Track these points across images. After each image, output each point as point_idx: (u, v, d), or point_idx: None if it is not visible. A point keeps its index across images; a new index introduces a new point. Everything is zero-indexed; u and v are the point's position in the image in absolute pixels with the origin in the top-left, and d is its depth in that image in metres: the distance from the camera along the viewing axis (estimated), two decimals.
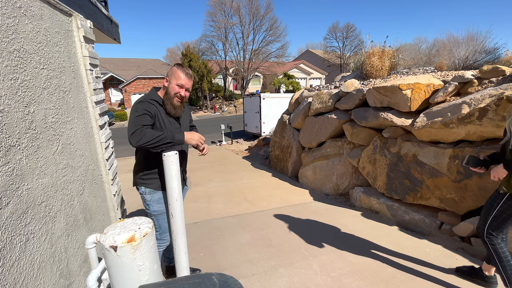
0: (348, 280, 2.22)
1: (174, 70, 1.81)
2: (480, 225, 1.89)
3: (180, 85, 1.79)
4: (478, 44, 4.67)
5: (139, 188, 1.92)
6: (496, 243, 1.82)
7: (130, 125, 1.65)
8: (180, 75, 1.79)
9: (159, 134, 1.61)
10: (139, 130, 1.60)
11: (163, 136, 1.61)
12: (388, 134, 3.33)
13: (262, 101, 10.67)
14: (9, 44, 1.22)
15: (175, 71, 1.80)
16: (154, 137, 1.59)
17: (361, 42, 26.96)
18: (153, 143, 1.59)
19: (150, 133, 1.60)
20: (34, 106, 1.39)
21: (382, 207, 3.40)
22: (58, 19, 1.76)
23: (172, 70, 1.82)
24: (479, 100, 2.41)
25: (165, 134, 1.63)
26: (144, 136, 1.58)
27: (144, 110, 1.69)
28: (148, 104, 1.74)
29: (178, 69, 1.81)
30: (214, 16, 25.73)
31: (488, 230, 1.84)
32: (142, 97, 1.82)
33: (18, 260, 1.14)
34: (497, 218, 1.79)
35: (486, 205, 1.87)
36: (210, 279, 0.89)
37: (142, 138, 1.57)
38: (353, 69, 6.13)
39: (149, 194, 1.90)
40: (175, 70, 1.81)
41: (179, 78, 1.79)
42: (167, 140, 1.62)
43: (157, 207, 1.92)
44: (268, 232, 3.09)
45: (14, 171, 1.17)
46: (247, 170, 6.10)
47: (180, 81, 1.79)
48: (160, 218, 1.95)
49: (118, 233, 1.20)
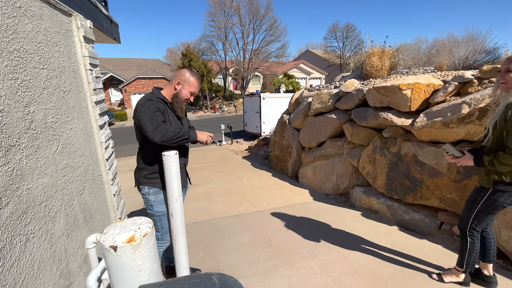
0: (348, 280, 2.22)
1: (188, 77, 1.85)
2: (463, 220, 1.94)
3: (192, 93, 1.88)
4: (478, 44, 4.67)
5: (142, 188, 1.92)
6: (475, 237, 1.91)
7: (147, 121, 1.66)
8: (195, 84, 1.87)
9: (179, 131, 1.70)
10: (162, 126, 1.66)
11: (182, 133, 1.71)
12: (388, 134, 3.33)
13: (262, 101, 10.67)
14: (9, 44, 1.22)
15: (190, 78, 1.85)
16: (176, 133, 1.68)
17: (361, 42, 26.98)
18: (175, 139, 1.68)
19: (171, 129, 1.68)
20: (34, 106, 1.39)
21: (382, 207, 3.40)
22: (58, 19, 1.76)
23: (185, 76, 1.85)
24: (479, 100, 2.41)
25: (183, 131, 1.72)
26: (167, 131, 1.65)
27: (156, 108, 1.73)
28: (157, 102, 1.78)
29: (192, 76, 1.86)
30: (214, 16, 25.73)
31: (472, 225, 1.89)
32: (148, 95, 1.83)
33: (18, 260, 1.14)
34: (480, 213, 1.84)
35: (469, 201, 1.92)
36: (210, 279, 0.89)
37: (165, 134, 1.65)
38: (353, 69, 6.13)
39: (153, 195, 1.90)
40: (189, 76, 1.85)
41: (194, 87, 1.87)
42: (185, 137, 1.73)
43: (161, 208, 1.92)
44: (268, 232, 3.09)
45: (14, 171, 1.17)
46: (247, 170, 6.10)
47: (193, 89, 1.88)
48: (162, 219, 1.95)
49: (118, 233, 1.20)
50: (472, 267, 2.04)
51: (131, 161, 7.54)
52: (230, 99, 26.96)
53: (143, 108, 1.71)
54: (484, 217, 1.84)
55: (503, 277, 2.15)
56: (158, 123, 1.66)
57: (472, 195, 1.90)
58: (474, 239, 1.92)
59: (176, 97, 1.85)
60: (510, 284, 2.08)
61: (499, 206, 1.76)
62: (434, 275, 2.19)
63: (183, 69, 1.89)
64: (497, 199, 1.74)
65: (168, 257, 2.24)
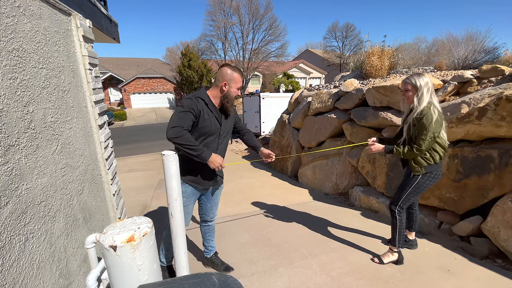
0: (347, 280, 2.23)
1: (232, 74, 1.86)
2: (394, 200, 2.33)
3: (239, 87, 1.91)
4: (478, 43, 4.68)
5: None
6: (403, 215, 2.31)
7: (174, 118, 1.74)
8: (239, 79, 1.89)
9: (193, 144, 1.71)
10: (181, 130, 1.69)
11: (193, 148, 1.72)
12: (388, 134, 3.33)
13: (261, 100, 10.66)
14: (8, 44, 1.22)
15: (234, 75, 1.86)
16: (188, 143, 1.70)
17: (361, 41, 26.96)
18: (183, 147, 1.70)
19: (187, 138, 1.70)
20: (33, 106, 1.38)
21: (381, 207, 3.40)
22: (57, 19, 1.76)
23: (229, 75, 1.86)
24: (478, 100, 2.41)
25: (197, 147, 1.73)
26: (181, 137, 1.68)
27: (189, 108, 1.77)
28: (194, 101, 1.82)
29: (235, 72, 1.87)
30: (214, 15, 25.71)
31: (401, 204, 2.28)
32: (192, 93, 1.91)
33: (18, 260, 1.14)
34: (408, 195, 2.25)
35: (401, 184, 2.30)
36: (209, 278, 0.89)
37: (178, 138, 1.68)
38: (352, 69, 6.13)
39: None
40: (232, 74, 1.86)
41: (239, 82, 1.90)
42: (194, 153, 1.73)
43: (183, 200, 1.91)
44: (267, 232, 3.09)
45: (13, 171, 1.17)
46: (247, 169, 6.10)
47: (239, 84, 1.90)
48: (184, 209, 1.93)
49: (117, 232, 1.20)
50: (402, 244, 2.39)
51: (131, 161, 7.53)
52: None
53: (179, 105, 1.81)
54: (412, 198, 2.26)
55: (503, 277, 2.15)
56: (181, 124, 1.70)
57: (405, 178, 2.28)
58: (402, 215, 2.31)
59: (226, 97, 1.89)
60: (509, 283, 2.08)
61: (424, 188, 2.20)
62: (376, 259, 2.47)
63: (224, 68, 1.89)
64: (423, 183, 2.18)
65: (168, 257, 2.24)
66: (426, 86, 2.02)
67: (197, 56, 23.47)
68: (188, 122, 1.75)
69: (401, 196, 2.28)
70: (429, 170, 2.15)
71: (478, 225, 2.51)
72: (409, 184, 2.22)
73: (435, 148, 2.11)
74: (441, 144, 2.11)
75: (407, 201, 2.28)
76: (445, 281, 2.14)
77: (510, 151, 2.30)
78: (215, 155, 1.83)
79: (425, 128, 1.98)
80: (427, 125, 1.97)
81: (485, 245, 2.48)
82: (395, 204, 2.31)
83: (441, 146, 2.11)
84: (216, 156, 1.83)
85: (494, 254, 2.44)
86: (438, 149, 2.11)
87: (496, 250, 2.43)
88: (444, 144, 2.12)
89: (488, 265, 2.30)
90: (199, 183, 2.02)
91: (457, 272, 2.25)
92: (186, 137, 1.70)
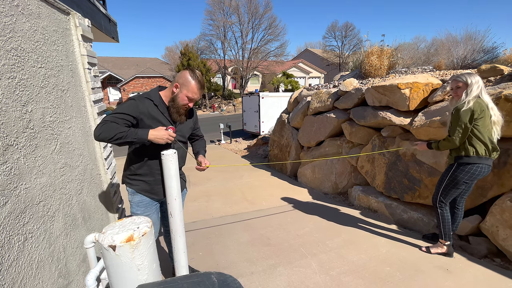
0: (346, 279, 2.23)
1: (188, 80, 1.62)
2: (434, 193, 2.37)
3: (190, 98, 1.65)
4: (477, 43, 4.69)
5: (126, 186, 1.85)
6: (444, 209, 2.31)
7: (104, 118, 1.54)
8: (194, 89, 1.63)
9: (121, 131, 1.48)
10: (105, 124, 1.47)
11: (124, 134, 1.48)
12: (387, 133, 3.33)
13: (261, 100, 10.66)
14: (6, 43, 1.22)
15: (190, 82, 1.62)
16: (115, 133, 1.46)
17: (360, 41, 26.96)
18: (114, 139, 1.47)
19: (113, 129, 1.46)
20: (32, 105, 1.38)
21: (380, 206, 3.41)
22: (55, 18, 1.75)
23: (185, 78, 1.62)
24: None
25: (127, 133, 1.49)
26: (104, 130, 1.45)
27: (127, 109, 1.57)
28: (136, 103, 1.60)
29: (193, 80, 1.62)
30: (213, 15, 25.67)
31: (440, 198, 2.31)
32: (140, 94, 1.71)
33: (17, 260, 1.14)
34: (446, 188, 2.27)
35: (440, 179, 2.34)
36: (209, 278, 0.89)
37: (102, 133, 1.45)
38: (352, 68, 6.13)
39: (130, 195, 1.82)
40: (189, 80, 1.62)
41: (192, 92, 1.63)
42: (128, 139, 1.50)
43: (135, 210, 1.81)
44: (267, 231, 3.09)
45: (12, 171, 1.17)
46: (246, 169, 6.10)
47: (192, 95, 1.64)
48: None
49: (116, 232, 1.20)
50: (450, 237, 2.39)
51: None
52: (229, 98, 26.92)
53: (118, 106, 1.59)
54: (449, 191, 2.25)
55: (502, 276, 2.16)
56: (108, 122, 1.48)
57: (443, 174, 2.32)
58: (443, 209, 2.32)
59: (172, 101, 1.66)
60: (509, 283, 2.09)
61: (460, 181, 2.18)
62: (423, 248, 2.54)
63: (184, 71, 1.66)
64: (457, 175, 2.18)
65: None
66: (477, 83, 2.05)
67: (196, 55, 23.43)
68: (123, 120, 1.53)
69: (439, 189, 2.30)
70: (461, 161, 2.15)
71: (477, 224, 2.51)
72: (445, 175, 2.26)
73: (472, 142, 2.09)
74: (481, 139, 2.07)
75: (446, 194, 2.27)
76: (444, 280, 2.15)
77: (509, 151, 2.31)
78: (153, 129, 1.56)
79: (454, 118, 2.05)
80: (457, 114, 2.03)
81: (484, 244, 2.48)
82: (435, 197, 2.34)
83: (480, 140, 2.07)
84: (157, 129, 1.56)
85: (493, 253, 2.44)
86: (475, 143, 2.08)
87: (495, 249, 2.43)
88: (484, 139, 2.06)
89: (487, 264, 2.31)
90: (154, 192, 1.81)
91: (456, 271, 2.25)
92: (112, 127, 1.46)
